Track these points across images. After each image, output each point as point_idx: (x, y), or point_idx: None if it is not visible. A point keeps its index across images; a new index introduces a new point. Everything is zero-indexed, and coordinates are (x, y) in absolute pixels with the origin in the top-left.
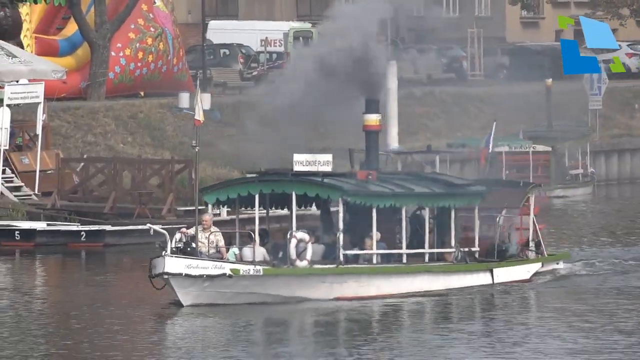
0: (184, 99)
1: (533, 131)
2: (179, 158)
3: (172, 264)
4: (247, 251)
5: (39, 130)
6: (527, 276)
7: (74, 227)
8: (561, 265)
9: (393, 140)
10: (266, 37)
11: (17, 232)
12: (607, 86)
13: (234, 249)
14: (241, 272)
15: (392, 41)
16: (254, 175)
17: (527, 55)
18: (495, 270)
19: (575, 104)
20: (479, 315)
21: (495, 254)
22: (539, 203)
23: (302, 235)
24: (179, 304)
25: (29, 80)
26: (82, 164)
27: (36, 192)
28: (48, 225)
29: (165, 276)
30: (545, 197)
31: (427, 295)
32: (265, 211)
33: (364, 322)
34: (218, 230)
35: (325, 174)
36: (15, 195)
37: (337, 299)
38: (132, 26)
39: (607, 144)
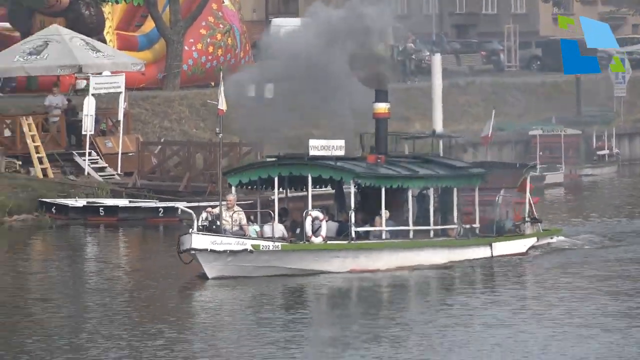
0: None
1: (564, 117)
2: (245, 141)
3: (199, 241)
4: (267, 228)
5: (120, 117)
6: (524, 249)
7: (153, 204)
8: (554, 240)
9: (438, 125)
10: None
11: (101, 208)
12: (631, 76)
13: (255, 227)
14: (261, 248)
15: (436, 36)
16: (274, 159)
17: (559, 48)
18: (494, 245)
19: (602, 92)
20: (479, 285)
21: (494, 230)
22: (571, 181)
23: (317, 213)
24: (205, 277)
25: (111, 72)
26: (160, 147)
27: (119, 172)
28: (130, 202)
29: (192, 251)
30: (575, 175)
31: (431, 268)
32: (284, 192)
33: (375, 292)
34: (241, 209)
35: (338, 158)
36: (100, 175)
37: (350, 271)
38: (203, 23)
39: (631, 128)
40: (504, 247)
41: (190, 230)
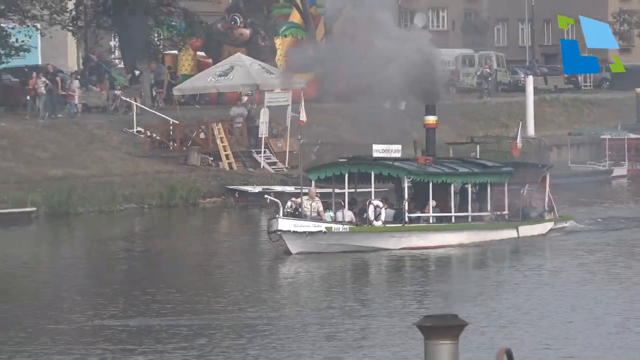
0: None
1: (627, 124)
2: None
3: (284, 224)
4: (339, 214)
5: (287, 124)
6: (544, 232)
7: None
8: (568, 224)
9: (530, 131)
10: (442, 59)
11: (272, 193)
12: None
13: (330, 213)
14: (333, 230)
15: (529, 62)
16: (345, 159)
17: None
18: (520, 228)
19: None
20: (507, 260)
21: (520, 216)
22: (632, 174)
23: (377, 202)
24: (289, 252)
25: (281, 89)
26: (317, 146)
27: (286, 166)
28: (295, 189)
29: (279, 232)
30: (636, 170)
31: (469, 246)
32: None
33: (424, 264)
34: (319, 199)
35: (395, 159)
36: (272, 168)
37: (403, 248)
38: None
39: None
40: (527, 230)
41: (277, 215)
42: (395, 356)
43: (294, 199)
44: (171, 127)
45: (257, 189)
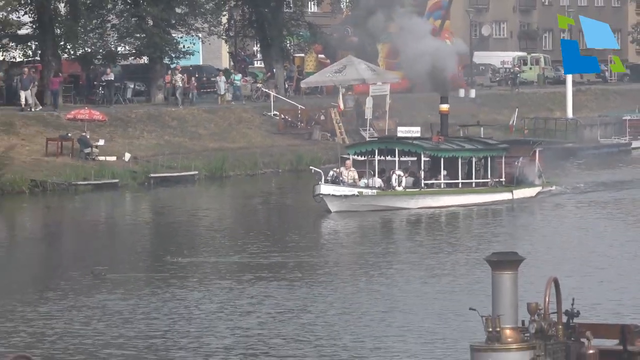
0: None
1: None
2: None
3: (325, 189)
4: (370, 181)
5: (386, 109)
6: (533, 194)
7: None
8: (554, 188)
9: (569, 114)
10: (503, 60)
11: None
12: None
13: (364, 180)
14: (364, 193)
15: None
16: (375, 138)
17: None
18: (514, 191)
19: None
20: (504, 214)
21: (515, 182)
22: None
23: (400, 172)
24: (329, 211)
25: (382, 83)
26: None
27: None
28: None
29: (321, 195)
30: None
31: (473, 205)
32: (382, 158)
33: (437, 220)
34: (354, 169)
35: (415, 138)
36: None
37: (420, 208)
38: None
39: None
40: (520, 193)
41: (320, 182)
42: (462, 286)
43: (335, 168)
44: (299, 111)
45: (362, 157)
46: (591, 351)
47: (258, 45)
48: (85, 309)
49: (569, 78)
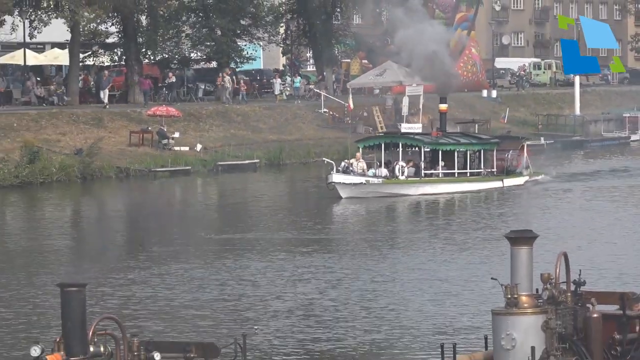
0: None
1: None
2: (479, 119)
3: (337, 177)
4: (377, 171)
5: (420, 106)
6: (521, 182)
7: None
8: (540, 177)
9: (577, 111)
10: (521, 65)
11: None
12: None
13: (372, 170)
14: (371, 182)
15: None
16: (382, 133)
17: (638, 73)
18: (504, 180)
19: None
20: (496, 199)
21: (505, 172)
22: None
23: (402, 163)
24: (339, 197)
25: (416, 85)
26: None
27: None
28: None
29: (333, 183)
30: None
31: (467, 192)
32: (387, 151)
33: (436, 205)
34: (363, 160)
35: (416, 133)
36: None
37: (420, 194)
38: (461, 63)
39: None
40: (509, 182)
41: (332, 171)
42: (483, 260)
43: (346, 160)
44: (345, 109)
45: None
46: (595, 315)
47: (310, 52)
48: (167, 276)
49: (577, 80)
